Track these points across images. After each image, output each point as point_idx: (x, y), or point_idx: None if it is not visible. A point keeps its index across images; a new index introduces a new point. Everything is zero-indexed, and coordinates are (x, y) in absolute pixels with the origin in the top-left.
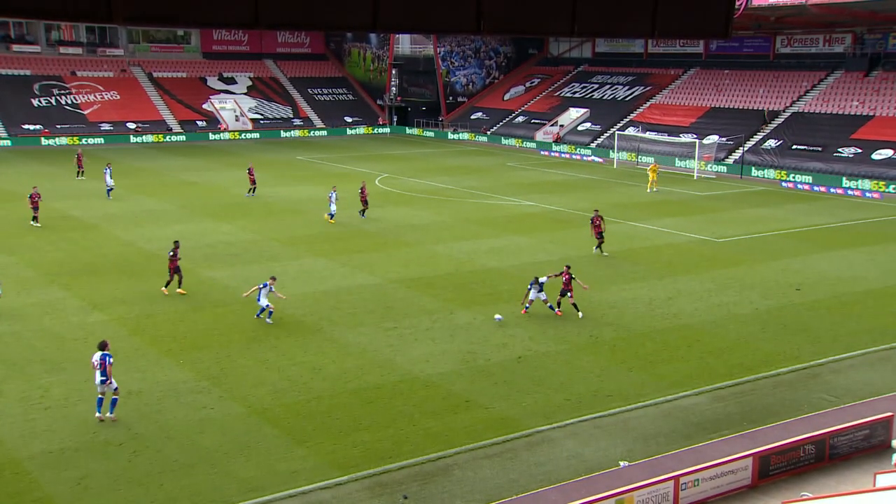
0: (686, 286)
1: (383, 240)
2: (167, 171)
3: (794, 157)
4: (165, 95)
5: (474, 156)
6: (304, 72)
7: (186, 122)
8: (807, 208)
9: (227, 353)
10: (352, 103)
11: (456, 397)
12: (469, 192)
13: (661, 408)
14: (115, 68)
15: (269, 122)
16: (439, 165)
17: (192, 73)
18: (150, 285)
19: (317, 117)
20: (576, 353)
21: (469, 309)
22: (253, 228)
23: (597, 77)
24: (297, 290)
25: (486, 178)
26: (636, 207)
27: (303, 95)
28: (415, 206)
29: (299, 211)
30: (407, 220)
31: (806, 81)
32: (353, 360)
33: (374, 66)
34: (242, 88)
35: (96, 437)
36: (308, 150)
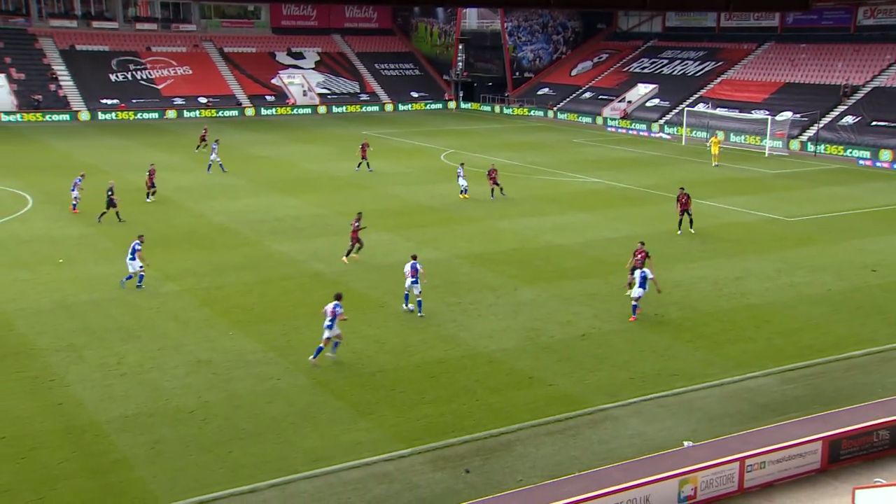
0: (755, 266)
1: (448, 215)
2: (236, 146)
3: (873, 134)
4: (235, 70)
5: (540, 132)
6: (372, 47)
7: (255, 97)
8: (885, 187)
9: (294, 325)
10: (418, 78)
11: (519, 373)
12: (534, 169)
13: (728, 388)
14: (187, 44)
15: (336, 97)
16: (504, 141)
17: (261, 48)
18: (220, 257)
19: (383, 92)
20: (640, 332)
21: (533, 285)
22: (319, 203)
23: (666, 52)
24: (363, 264)
25: (551, 155)
26: (704, 185)
27: (370, 70)
28: (480, 181)
29: (365, 186)
30: (472, 195)
31: (889, 55)
32: (417, 334)
33: (441, 42)
34: (310, 63)
35: (168, 404)
36: (374, 125)
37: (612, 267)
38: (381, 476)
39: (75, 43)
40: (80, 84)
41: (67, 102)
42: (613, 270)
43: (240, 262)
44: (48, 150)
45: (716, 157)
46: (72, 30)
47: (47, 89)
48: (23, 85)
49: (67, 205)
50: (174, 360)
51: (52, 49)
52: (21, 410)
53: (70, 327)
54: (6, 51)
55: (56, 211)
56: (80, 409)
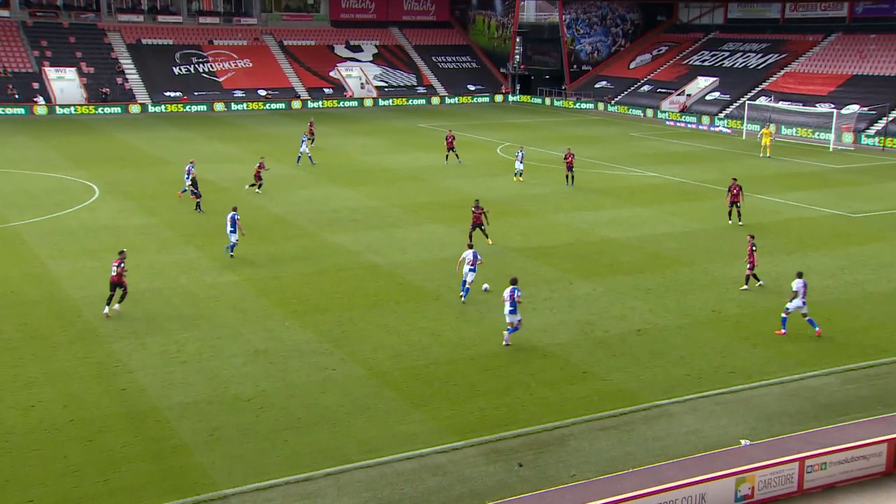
0: (817, 262)
1: (504, 208)
2: (294, 138)
3: None
4: (294, 63)
5: (597, 125)
6: (429, 39)
7: (314, 90)
8: None
9: (349, 316)
10: (475, 71)
11: (573, 368)
12: (591, 162)
13: (787, 387)
14: (248, 37)
15: (394, 90)
16: (561, 135)
17: (320, 41)
18: (277, 248)
19: (440, 85)
20: (697, 328)
21: (588, 280)
22: (376, 195)
23: (728, 44)
24: (418, 256)
25: (608, 148)
26: (765, 180)
27: (427, 63)
28: (536, 175)
29: (421, 178)
30: (527, 189)
31: None
32: (472, 327)
33: (499, 34)
34: (368, 56)
35: (227, 392)
36: (430, 118)
37: (668, 262)
38: (434, 468)
39: (141, 37)
40: (145, 77)
41: (133, 95)
42: (669, 265)
43: (296, 252)
44: (114, 141)
45: (766, 147)
46: (138, 24)
47: (114, 82)
48: (92, 78)
49: (134, 194)
50: (232, 349)
51: (119, 43)
52: (88, 395)
53: (133, 315)
54: (77, 45)
55: (121, 201)
56: (143, 394)
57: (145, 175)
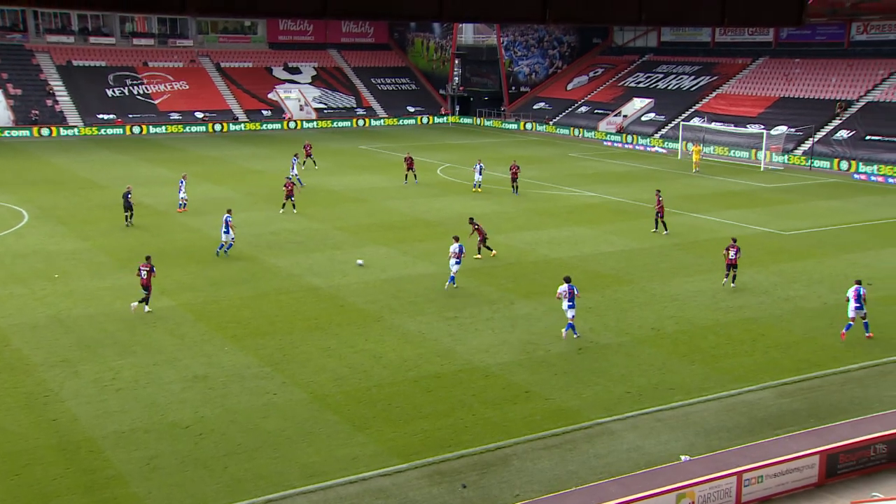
0: (751, 279)
1: (444, 229)
2: (233, 160)
3: (868, 149)
4: (232, 85)
5: (536, 146)
6: (368, 61)
7: (252, 112)
8: (880, 201)
9: (290, 339)
10: (414, 93)
11: (516, 387)
12: (530, 183)
13: (725, 402)
14: (184, 59)
15: (333, 112)
16: (501, 156)
17: (258, 62)
18: (216, 271)
19: (379, 107)
20: (637, 346)
21: (530, 299)
22: (316, 217)
23: (662, 67)
24: (359, 278)
25: (547, 169)
26: (700, 199)
27: (366, 85)
28: (476, 196)
29: (362, 200)
30: (468, 209)
31: (882, 69)
32: (414, 348)
33: (437, 56)
34: (307, 78)
35: (164, 419)
36: (371, 140)
37: (608, 280)
38: (377, 491)
39: (72, 58)
40: (76, 99)
41: (64, 118)
42: (609, 284)
43: (236, 276)
44: (44, 165)
45: (696, 164)
46: (69, 45)
47: (44, 104)
48: (20, 100)
49: (65, 219)
50: (170, 375)
51: (48, 64)
52: (15, 426)
53: (65, 342)
54: (3, 66)
55: (52, 225)
56: (75, 424)
57: (78, 199)
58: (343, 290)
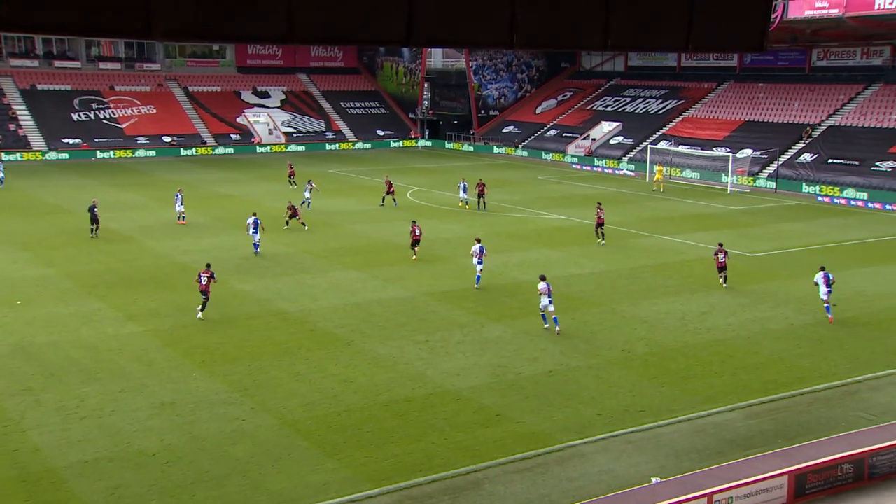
0: (719, 301)
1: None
2: (201, 184)
3: (831, 172)
4: (200, 109)
5: (505, 169)
6: (337, 85)
7: (221, 136)
8: (843, 223)
9: (259, 364)
10: (384, 117)
11: (487, 411)
12: (500, 206)
13: (694, 424)
14: (151, 83)
15: (302, 136)
16: (469, 179)
17: (226, 87)
18: (184, 297)
19: (349, 130)
20: (607, 368)
21: (500, 322)
22: (285, 241)
23: (629, 90)
24: (329, 302)
25: (516, 192)
26: (668, 221)
27: (335, 109)
28: (446, 219)
29: (330, 224)
30: (438, 233)
31: (843, 94)
32: (384, 372)
33: (407, 80)
34: (276, 102)
35: (130, 447)
36: (340, 163)
37: (578, 303)
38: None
39: (36, 82)
40: (41, 123)
41: (28, 142)
42: (579, 307)
43: None
44: (7, 190)
45: (660, 183)
46: (33, 69)
47: (7, 129)
48: None
49: (30, 244)
50: (136, 403)
51: (12, 88)
52: None
53: (28, 370)
54: None
55: (15, 251)
56: (37, 455)
57: (43, 224)
58: (313, 314)
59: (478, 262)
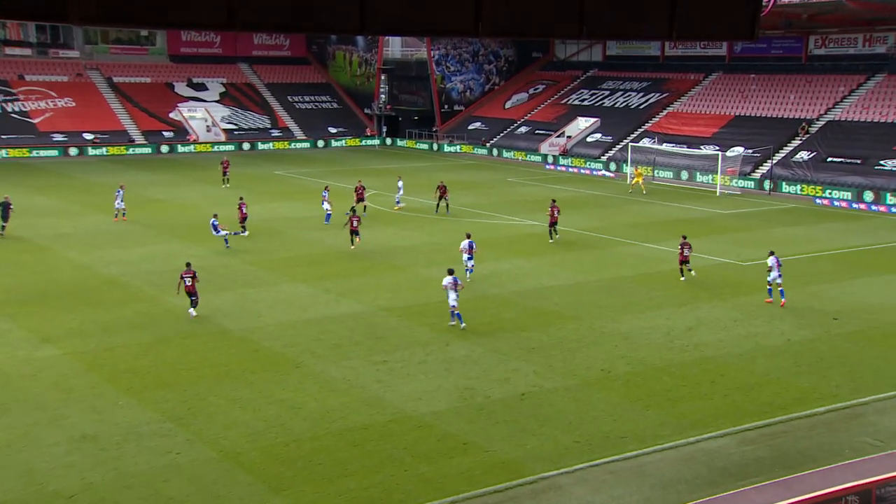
0: (708, 315)
1: (370, 263)
2: (130, 188)
3: (830, 171)
4: (127, 103)
5: (471, 170)
6: (284, 77)
7: (151, 133)
8: (844, 228)
9: (196, 390)
10: (336, 112)
11: (452, 439)
12: (466, 211)
13: (682, 451)
14: (69, 72)
15: (245, 133)
16: (433, 181)
17: (157, 78)
18: (110, 314)
19: (297, 127)
20: (586, 390)
21: (466, 340)
22: (226, 251)
23: (608, 83)
24: (275, 319)
25: (484, 195)
26: (651, 227)
27: (282, 103)
28: (405, 225)
29: (278, 231)
30: (397, 241)
31: (843, 86)
32: (338, 397)
33: (362, 72)
34: (214, 95)
35: (44, 489)
36: (287, 164)
37: (553, 318)
38: None
39: None
40: None
41: None
42: (554, 322)
43: (133, 319)
44: None
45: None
46: None
47: None
48: None
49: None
50: (52, 437)
51: None
52: None
53: None
54: None
55: None
56: None
57: None
58: (257, 332)
59: (468, 258)
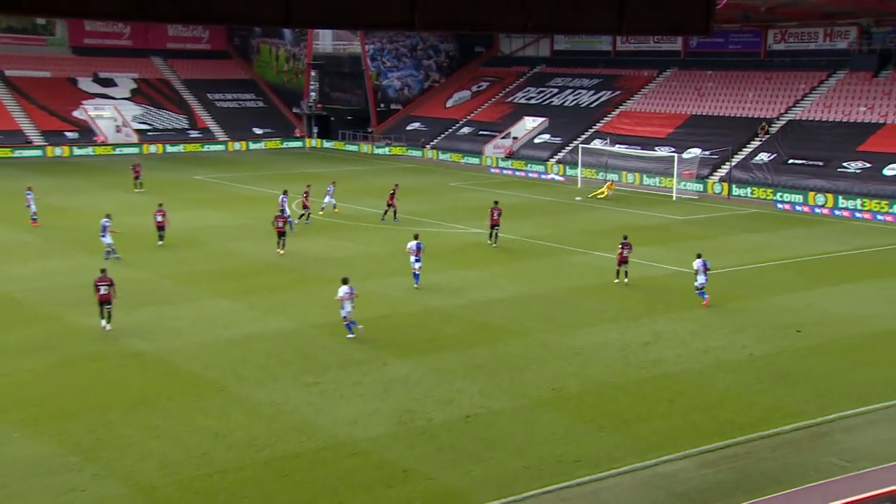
0: (665, 328)
1: (301, 275)
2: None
3: (791, 174)
4: (23, 100)
5: (410, 174)
6: (203, 73)
7: (52, 134)
8: (807, 234)
9: (106, 419)
10: (262, 111)
11: (391, 466)
12: (405, 218)
13: (639, 475)
14: None
15: (160, 134)
16: (368, 186)
17: (58, 72)
18: (5, 336)
19: (218, 128)
20: (535, 411)
21: (407, 358)
22: (139, 264)
23: (556, 79)
24: (196, 338)
25: (424, 201)
26: (603, 234)
27: (201, 101)
28: (339, 235)
29: (198, 242)
30: (329, 251)
31: (804, 83)
32: (265, 423)
33: (289, 67)
34: (125, 92)
35: None
36: (208, 168)
37: (499, 333)
38: None
39: None
40: None
41: None
42: (501, 337)
43: (32, 341)
44: None
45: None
46: None
47: None
48: None
49: None
50: None
51: None
52: None
53: None
54: None
55: None
56: None
57: None
58: (176, 354)
59: (416, 260)
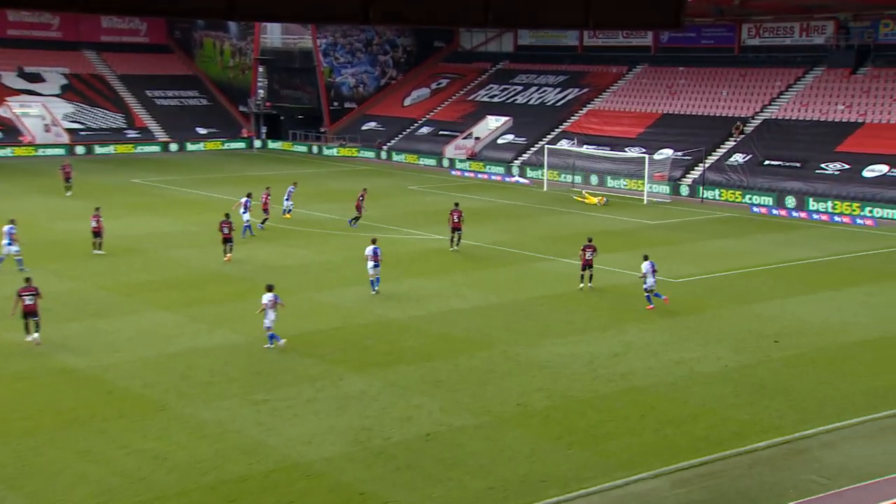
0: (636, 339)
1: (249, 286)
2: None
3: (767, 176)
4: None
5: (366, 177)
6: (141, 68)
7: None
8: (784, 239)
9: (33, 442)
10: (205, 109)
11: (346, 489)
12: (361, 224)
13: (609, 495)
14: None
15: (94, 134)
16: (320, 189)
17: None
18: None
19: (158, 127)
20: (499, 428)
21: (363, 373)
22: (72, 274)
23: (520, 76)
24: (134, 354)
25: (381, 206)
26: (570, 240)
27: (139, 99)
28: (289, 242)
29: (136, 250)
30: (279, 259)
31: (779, 80)
32: (210, 444)
33: (235, 63)
34: (54, 88)
35: None
36: (147, 171)
37: (461, 345)
38: None
39: None
40: None
41: None
42: (463, 350)
43: None
44: None
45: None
46: None
47: None
48: None
49: None
50: None
51: None
52: None
53: None
54: None
55: None
56: None
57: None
58: (112, 370)
59: (374, 266)
